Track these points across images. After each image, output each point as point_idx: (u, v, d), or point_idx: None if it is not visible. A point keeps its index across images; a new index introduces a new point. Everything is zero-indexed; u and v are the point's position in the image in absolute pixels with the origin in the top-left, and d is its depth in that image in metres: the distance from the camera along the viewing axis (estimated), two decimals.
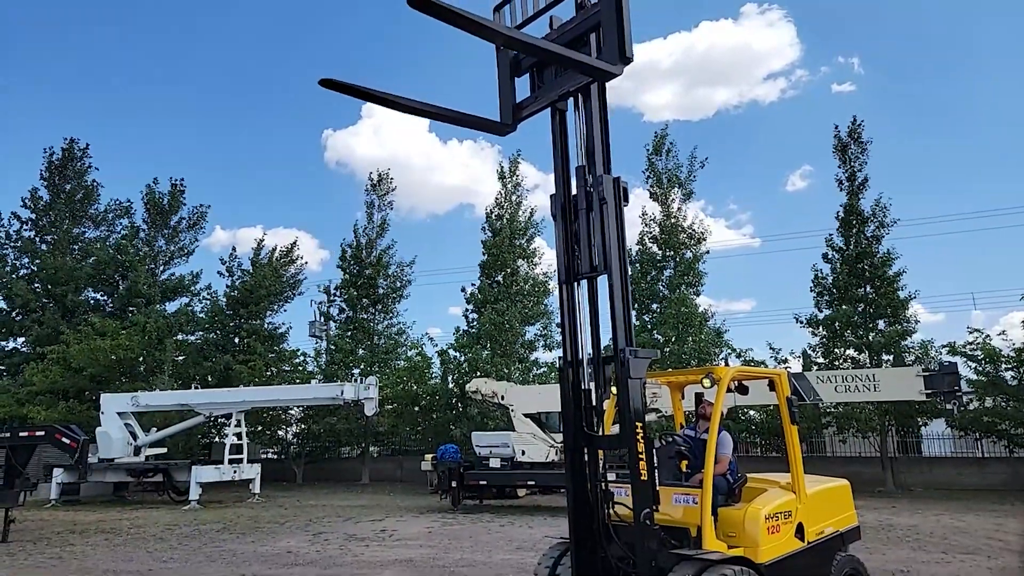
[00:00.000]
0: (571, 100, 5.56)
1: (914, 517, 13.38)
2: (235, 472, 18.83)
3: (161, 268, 29.29)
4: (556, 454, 16.08)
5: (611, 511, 5.26)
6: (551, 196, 5.66)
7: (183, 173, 57.14)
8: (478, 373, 22.08)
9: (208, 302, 28.61)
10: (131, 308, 27.12)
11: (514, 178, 27.12)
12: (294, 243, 30.01)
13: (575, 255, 5.44)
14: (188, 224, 29.82)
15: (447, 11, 3.64)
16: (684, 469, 5.90)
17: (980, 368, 19.25)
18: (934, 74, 64.77)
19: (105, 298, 28.98)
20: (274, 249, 29.26)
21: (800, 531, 5.52)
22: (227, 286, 28.23)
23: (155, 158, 66.31)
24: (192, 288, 29.31)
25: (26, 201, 29.11)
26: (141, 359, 24.56)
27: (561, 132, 5.68)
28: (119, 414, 19.81)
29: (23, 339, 28.22)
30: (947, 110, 62.17)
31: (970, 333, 20.07)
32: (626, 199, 5.33)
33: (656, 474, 5.09)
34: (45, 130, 63.73)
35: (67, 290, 27.20)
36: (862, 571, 6.02)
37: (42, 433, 13.83)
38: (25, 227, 29.15)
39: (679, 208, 24.96)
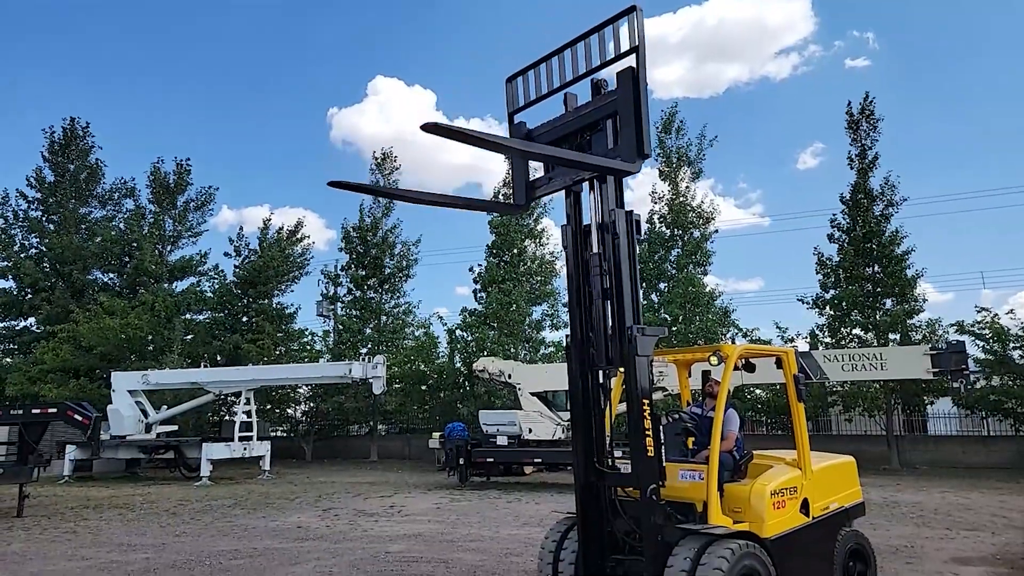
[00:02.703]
0: (586, 183, 5.44)
1: (918, 494, 13.46)
2: (245, 449, 19.07)
3: (169, 248, 29.41)
4: (563, 432, 16.21)
5: (617, 487, 5.32)
6: (562, 227, 5.58)
7: (188, 152, 57.40)
8: (485, 352, 22.18)
9: (216, 282, 28.77)
10: (139, 287, 27.31)
11: None
12: (299, 222, 30.04)
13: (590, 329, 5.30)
14: (196, 205, 29.87)
15: (459, 133, 3.75)
16: (690, 446, 5.93)
17: (988, 347, 19.20)
18: (950, 49, 63.63)
19: (114, 277, 29.19)
20: (280, 228, 29.34)
21: (805, 507, 5.56)
22: (235, 266, 28.37)
23: (159, 139, 66.25)
24: (200, 268, 29.46)
25: (30, 181, 29.18)
26: (150, 338, 24.78)
27: (575, 212, 5.54)
28: (130, 392, 20.06)
29: (33, 318, 28.51)
30: (961, 86, 61.16)
31: (978, 312, 20.04)
32: (639, 231, 5.27)
33: (662, 450, 5.14)
34: (45, 110, 63.66)
35: (75, 269, 27.39)
36: (866, 546, 6.07)
37: (54, 410, 14.00)
38: (31, 207, 29.27)
39: (688, 187, 24.82)
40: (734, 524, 5.00)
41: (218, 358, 26.40)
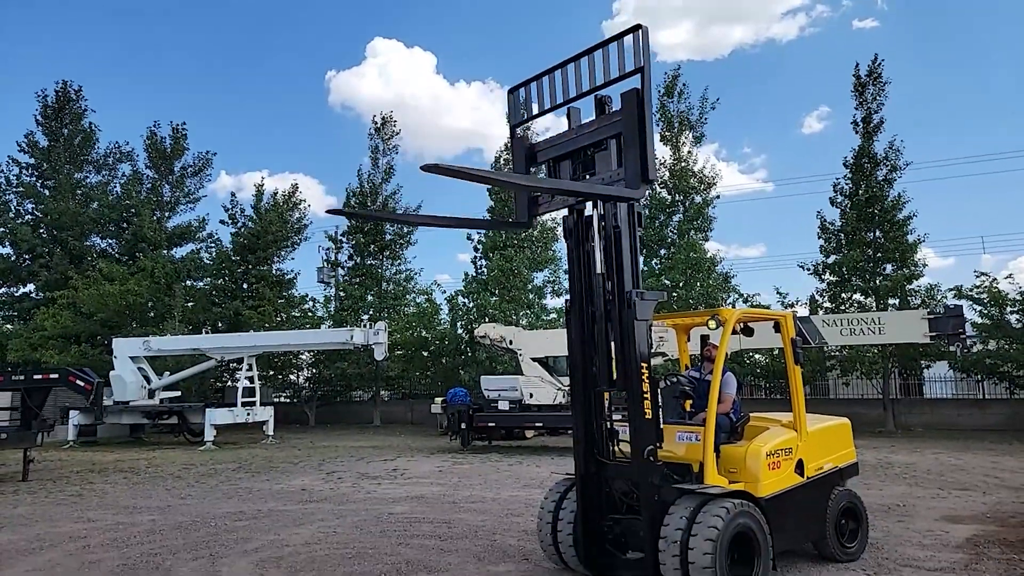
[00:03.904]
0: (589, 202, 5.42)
1: (912, 455, 13.65)
2: (248, 414, 19.27)
3: (167, 214, 29.24)
4: (563, 397, 16.36)
5: (616, 448, 5.40)
6: (564, 225, 5.61)
7: (184, 117, 56.37)
8: (486, 319, 22.25)
9: (215, 248, 28.67)
10: (138, 253, 27.26)
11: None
12: (295, 187, 29.79)
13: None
14: (193, 170, 29.60)
15: (462, 172, 3.87)
16: (688, 408, 6.00)
17: (985, 311, 19.25)
18: (958, 10, 62.20)
19: (112, 243, 29.11)
20: (275, 193, 29.14)
21: (800, 467, 5.65)
22: (232, 232, 28.25)
23: (154, 104, 65.28)
24: (199, 234, 29.35)
25: (23, 146, 28.82)
26: (151, 304, 24.84)
27: (578, 226, 5.48)
28: (132, 358, 20.16)
29: (32, 285, 28.52)
30: (968, 48, 59.99)
31: (977, 277, 20.05)
32: (640, 222, 5.27)
33: (660, 413, 5.20)
34: (38, 73, 62.54)
35: (72, 235, 27.29)
36: (859, 505, 6.18)
37: (56, 376, 14.06)
38: (25, 172, 28.98)
39: (689, 152, 24.59)
40: (730, 484, 5.09)
41: (219, 324, 26.49)
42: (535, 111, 5.67)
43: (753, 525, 4.81)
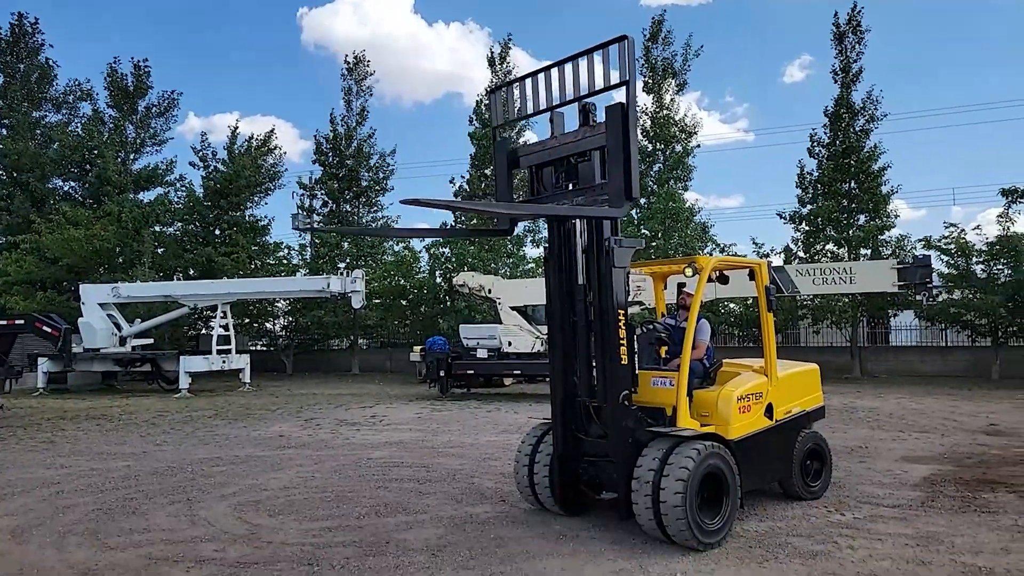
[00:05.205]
0: None
1: (876, 400, 14.14)
2: (224, 362, 19.11)
3: (132, 156, 28.16)
4: (541, 345, 16.49)
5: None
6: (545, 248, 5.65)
7: (148, 55, 53.74)
8: (465, 268, 22.16)
9: (185, 192, 27.86)
10: (103, 197, 26.37)
11: (504, 65, 25.98)
12: (271, 132, 28.85)
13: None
14: (158, 111, 28.42)
15: (443, 204, 4.18)
16: (663, 355, 6.08)
17: (952, 262, 19.69)
18: None
19: (75, 185, 28.09)
20: (250, 138, 28.21)
21: (769, 411, 5.80)
22: (202, 176, 27.41)
23: (115, 42, 62.09)
24: (167, 178, 28.40)
25: None
26: (119, 250, 24.20)
27: (559, 233, 5.42)
28: (100, 305, 19.71)
29: None
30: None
31: (946, 228, 20.44)
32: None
33: (636, 359, 5.26)
34: None
35: (33, 177, 26.25)
36: (824, 447, 6.40)
37: (22, 322, 13.77)
38: None
39: (672, 100, 24.29)
40: (701, 427, 5.21)
41: (191, 271, 26.00)
42: (516, 115, 5.73)
43: (723, 466, 4.94)
